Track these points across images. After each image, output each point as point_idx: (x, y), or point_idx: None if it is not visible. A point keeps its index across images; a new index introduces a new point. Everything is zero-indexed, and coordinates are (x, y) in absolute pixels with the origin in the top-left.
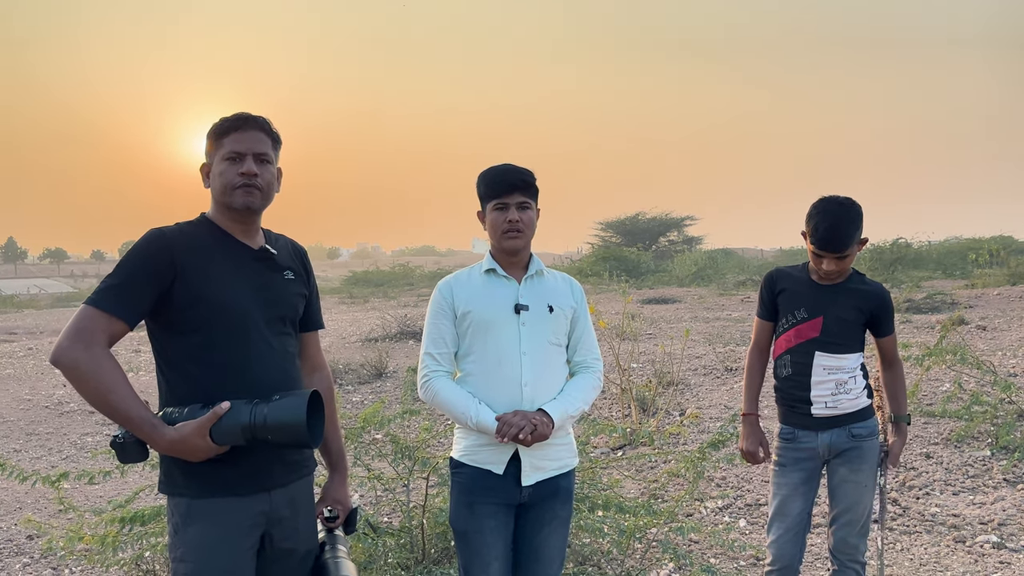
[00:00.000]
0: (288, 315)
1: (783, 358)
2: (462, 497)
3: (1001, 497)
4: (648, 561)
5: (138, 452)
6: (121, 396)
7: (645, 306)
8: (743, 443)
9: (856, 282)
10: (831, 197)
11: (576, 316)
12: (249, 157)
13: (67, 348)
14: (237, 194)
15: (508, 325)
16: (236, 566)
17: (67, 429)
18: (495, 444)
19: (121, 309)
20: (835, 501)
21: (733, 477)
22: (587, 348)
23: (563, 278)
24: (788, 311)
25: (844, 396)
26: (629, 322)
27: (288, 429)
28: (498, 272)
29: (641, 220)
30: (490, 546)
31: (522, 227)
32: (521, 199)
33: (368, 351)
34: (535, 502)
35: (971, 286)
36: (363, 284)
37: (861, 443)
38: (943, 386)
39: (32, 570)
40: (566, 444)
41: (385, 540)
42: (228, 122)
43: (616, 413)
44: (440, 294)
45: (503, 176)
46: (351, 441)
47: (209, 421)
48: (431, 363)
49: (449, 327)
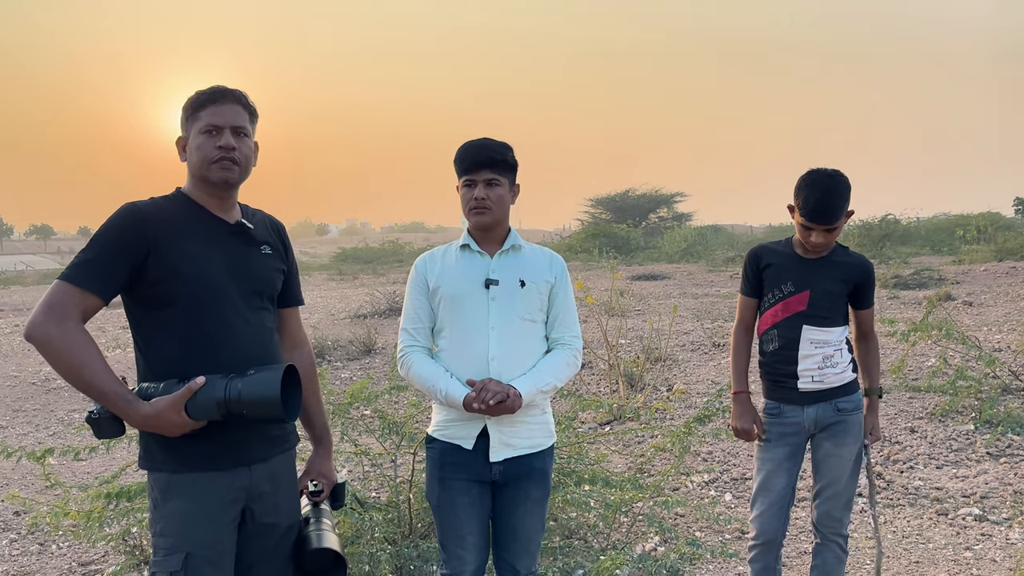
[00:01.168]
0: (265, 290)
1: (770, 333)
2: (434, 472)
3: (984, 471)
4: (634, 535)
5: (113, 428)
6: (94, 371)
7: (634, 282)
8: (736, 421)
9: (840, 255)
10: (819, 169)
11: (555, 292)
12: (227, 130)
13: (40, 323)
14: (215, 168)
15: (477, 300)
16: (216, 540)
17: (54, 406)
18: (464, 419)
19: (94, 284)
20: (819, 475)
21: (719, 452)
22: (565, 325)
23: (543, 253)
24: (774, 286)
25: (830, 370)
26: (618, 298)
27: (263, 404)
28: (472, 247)
29: (631, 196)
30: (463, 521)
31: (489, 204)
32: (489, 176)
33: (357, 328)
34: (508, 481)
35: (958, 262)
36: (352, 261)
37: (846, 417)
38: (929, 361)
39: (19, 546)
40: (540, 423)
41: (372, 515)
42: (205, 95)
43: (604, 389)
44: (416, 270)
45: (472, 153)
46: (339, 417)
47: (184, 396)
48: (407, 339)
49: (424, 302)
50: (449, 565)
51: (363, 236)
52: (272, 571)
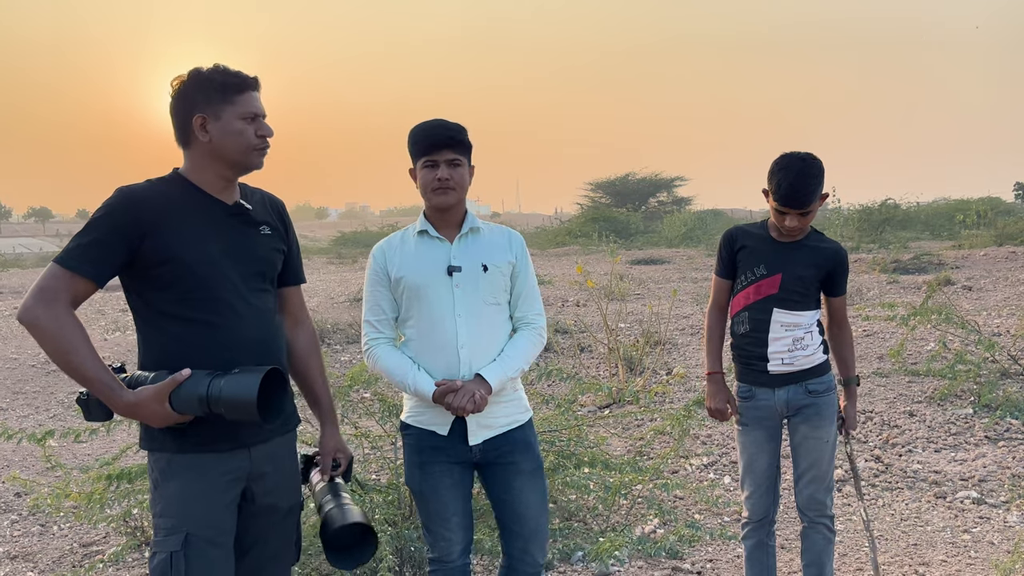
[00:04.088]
0: (265, 271)
1: (740, 315)
2: (413, 457)
3: (982, 454)
4: (633, 517)
5: (101, 411)
6: (81, 357)
7: (634, 267)
8: (710, 402)
9: (815, 240)
10: (792, 153)
11: (516, 271)
12: (262, 119)
13: (30, 307)
14: (256, 155)
15: (441, 288)
16: (216, 521)
17: (54, 388)
18: (436, 405)
19: (87, 268)
20: (799, 459)
21: (718, 435)
22: (528, 303)
23: (500, 231)
24: (747, 268)
25: (800, 352)
26: (617, 282)
27: (239, 405)
28: (430, 233)
29: (631, 181)
30: (447, 503)
31: (453, 184)
32: (451, 156)
33: (356, 311)
34: (493, 459)
35: (958, 247)
36: (352, 244)
37: (818, 399)
38: (928, 345)
39: (20, 527)
40: (513, 400)
41: (372, 497)
42: (236, 79)
43: (604, 372)
44: (374, 260)
45: (432, 133)
46: (339, 399)
47: (167, 387)
48: (371, 331)
49: (385, 293)
50: (437, 548)
51: (363, 220)
52: (272, 551)
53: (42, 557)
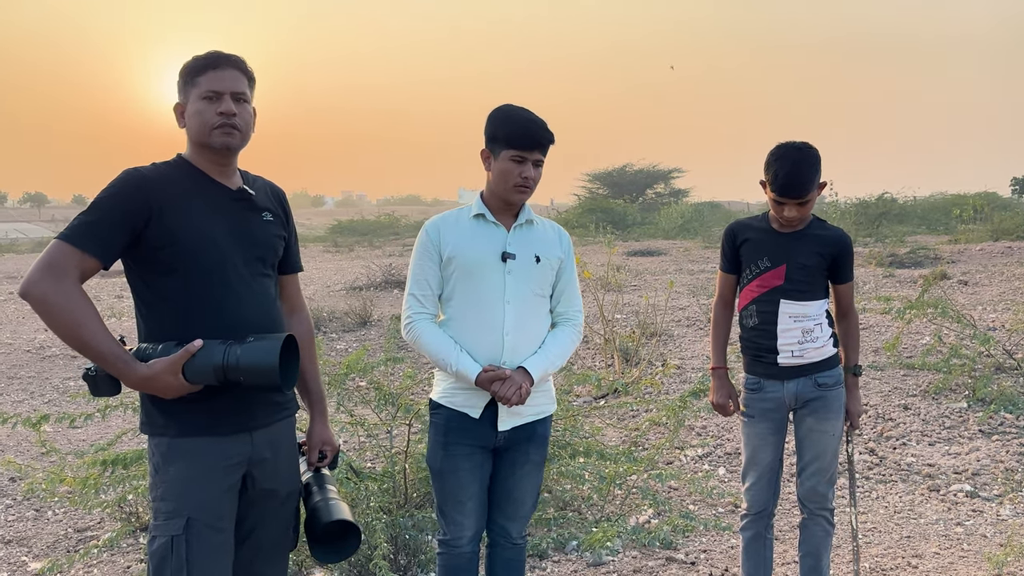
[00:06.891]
0: (267, 256)
1: (749, 308)
2: (438, 437)
3: (976, 448)
4: (628, 507)
5: (110, 386)
6: (92, 331)
7: (630, 258)
8: (713, 396)
9: (817, 228)
10: (787, 143)
11: (562, 267)
12: (227, 96)
13: (37, 281)
14: (216, 133)
15: (494, 273)
16: (217, 505)
17: (49, 373)
18: (473, 388)
19: (93, 246)
20: (803, 451)
21: (713, 426)
22: (570, 300)
23: (552, 227)
24: (751, 261)
25: (810, 344)
26: (614, 273)
27: (260, 372)
28: (487, 218)
29: (628, 172)
30: (464, 487)
31: (532, 184)
32: (539, 157)
33: (353, 299)
34: (510, 446)
35: (954, 241)
36: (348, 233)
37: (827, 392)
38: (923, 339)
39: (15, 512)
40: (544, 391)
41: (367, 484)
42: (203, 60)
43: (600, 363)
44: (427, 235)
45: (532, 130)
46: (335, 387)
47: (181, 358)
48: (415, 304)
49: (434, 269)
50: (448, 531)
51: (359, 208)
52: (272, 536)
53: (36, 542)
